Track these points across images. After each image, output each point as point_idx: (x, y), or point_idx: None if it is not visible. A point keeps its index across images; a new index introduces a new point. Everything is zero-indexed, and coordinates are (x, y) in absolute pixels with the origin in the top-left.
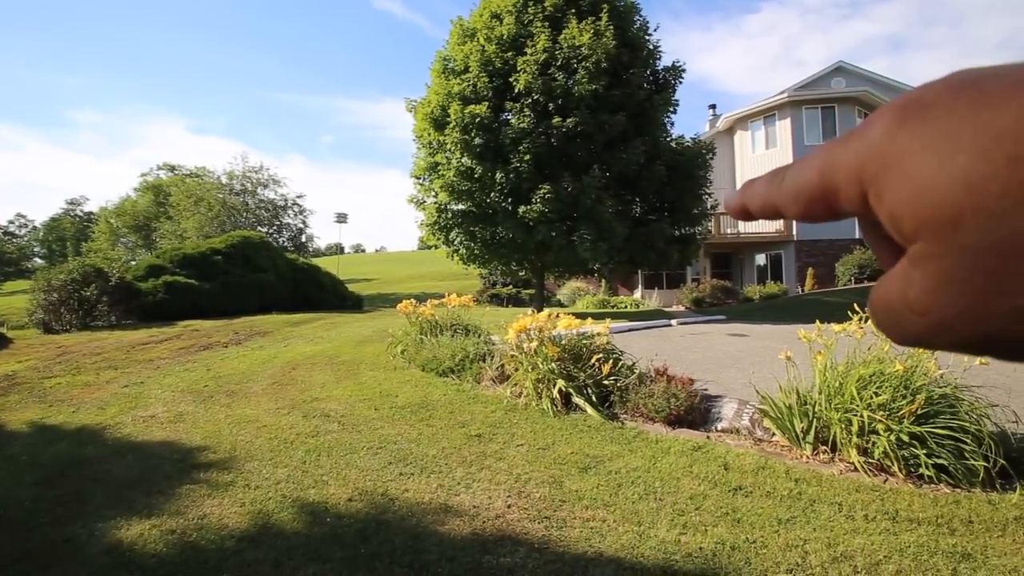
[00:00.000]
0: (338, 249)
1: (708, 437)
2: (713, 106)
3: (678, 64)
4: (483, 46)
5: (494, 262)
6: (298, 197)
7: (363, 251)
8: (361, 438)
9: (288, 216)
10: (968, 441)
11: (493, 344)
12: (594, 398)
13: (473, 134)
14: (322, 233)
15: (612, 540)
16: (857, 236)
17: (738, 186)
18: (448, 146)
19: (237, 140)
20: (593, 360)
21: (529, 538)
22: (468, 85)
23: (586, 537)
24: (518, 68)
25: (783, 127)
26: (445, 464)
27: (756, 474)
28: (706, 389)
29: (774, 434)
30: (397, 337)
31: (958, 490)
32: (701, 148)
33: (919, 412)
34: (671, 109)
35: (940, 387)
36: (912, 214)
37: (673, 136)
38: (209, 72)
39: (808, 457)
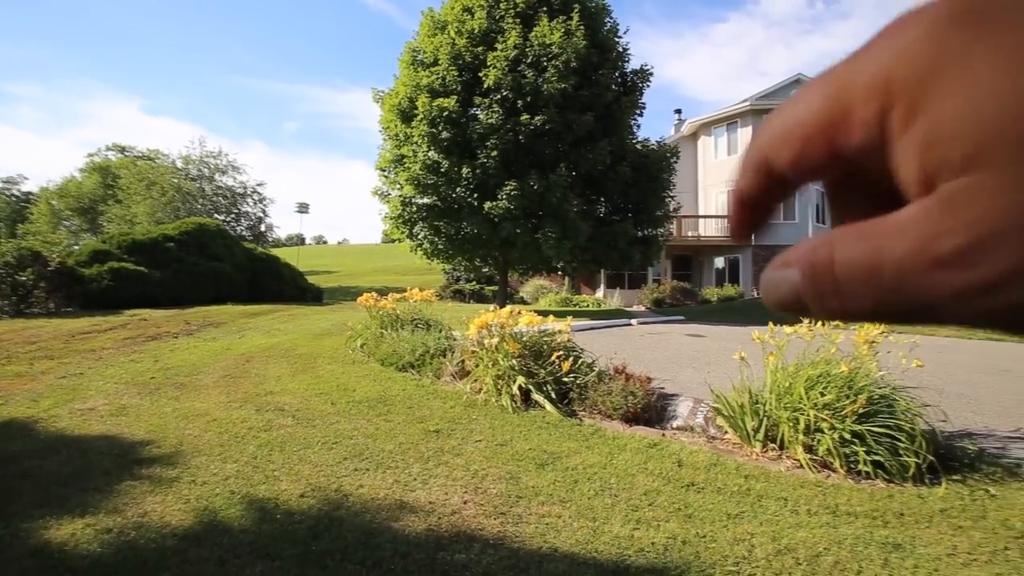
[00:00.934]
0: (299, 240)
1: (664, 434)
2: (679, 111)
3: (646, 68)
4: (453, 39)
5: (458, 258)
6: (258, 185)
7: (325, 243)
8: (316, 433)
9: (247, 204)
10: (902, 439)
11: (454, 339)
12: (553, 395)
13: (441, 128)
14: (282, 223)
15: (567, 536)
16: None
17: (700, 190)
18: (415, 139)
19: (195, 123)
20: (553, 357)
21: (485, 534)
22: (437, 78)
23: (541, 533)
24: (488, 63)
25: (744, 134)
26: (402, 460)
27: (708, 471)
28: (663, 388)
29: (726, 432)
30: (357, 331)
31: (892, 485)
32: (666, 151)
33: (860, 411)
34: (638, 112)
35: (880, 388)
36: (972, 132)
37: (639, 139)
38: (167, 51)
39: (758, 454)
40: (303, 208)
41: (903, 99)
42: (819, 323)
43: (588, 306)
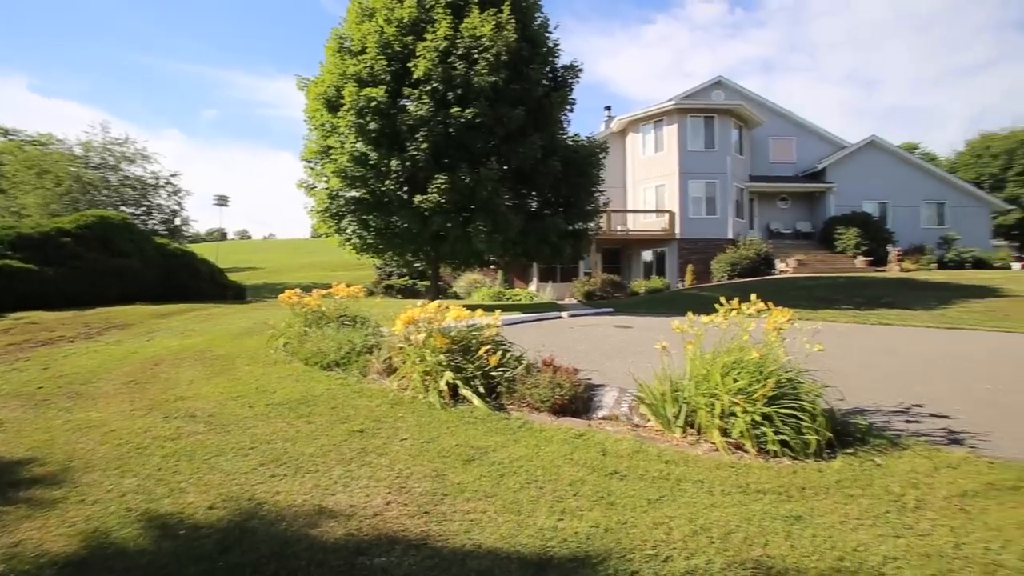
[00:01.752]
0: (220, 235)
1: (590, 425)
2: (608, 108)
3: (576, 64)
4: (382, 27)
5: (389, 252)
6: (172, 175)
7: (249, 238)
8: (230, 439)
9: (160, 196)
10: (805, 419)
11: (382, 336)
12: (481, 389)
13: (368, 118)
14: (202, 217)
15: (492, 531)
16: (731, 236)
17: (629, 185)
18: (341, 129)
19: (98, 107)
20: (481, 352)
21: (407, 535)
22: (365, 67)
23: (466, 530)
24: (418, 54)
25: (670, 132)
26: (323, 462)
27: (631, 458)
28: (590, 379)
29: (649, 419)
30: (279, 329)
31: (797, 461)
32: (595, 147)
33: (770, 395)
34: (568, 107)
35: (787, 372)
36: None
37: (569, 134)
38: (62, 24)
39: (678, 440)
40: (222, 201)
41: None
42: (733, 312)
43: (521, 300)
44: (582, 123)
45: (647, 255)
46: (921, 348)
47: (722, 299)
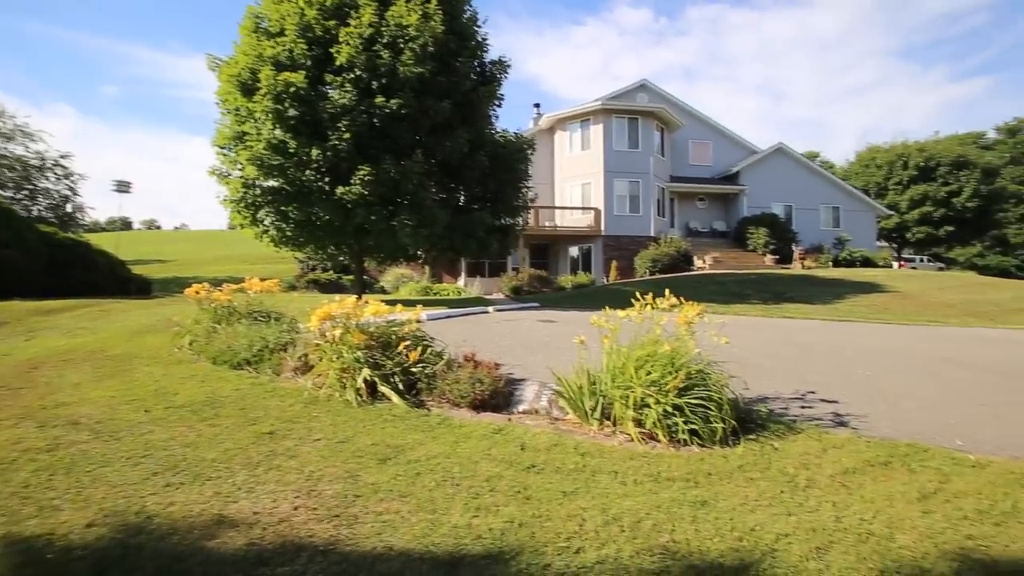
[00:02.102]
0: (123, 224)
1: (510, 419)
2: (538, 105)
3: (504, 59)
4: (303, 9)
5: (310, 245)
6: (62, 157)
7: (159, 228)
8: (120, 447)
9: (47, 180)
10: (713, 409)
11: (299, 332)
12: (401, 386)
13: (287, 104)
14: (101, 205)
15: (405, 532)
16: (653, 234)
17: (556, 182)
18: (258, 115)
19: None
20: (401, 348)
21: (315, 541)
22: (284, 50)
23: (378, 532)
24: (341, 39)
25: (596, 131)
26: (226, 468)
27: (549, 451)
28: (512, 373)
29: (568, 413)
30: (185, 327)
31: (705, 449)
32: (522, 143)
33: (681, 386)
34: (496, 102)
35: (697, 364)
36: None
37: (498, 129)
38: None
39: (595, 432)
40: (123, 187)
41: None
42: (648, 307)
43: (449, 295)
44: (513, 119)
45: (574, 251)
46: (816, 339)
47: (637, 294)
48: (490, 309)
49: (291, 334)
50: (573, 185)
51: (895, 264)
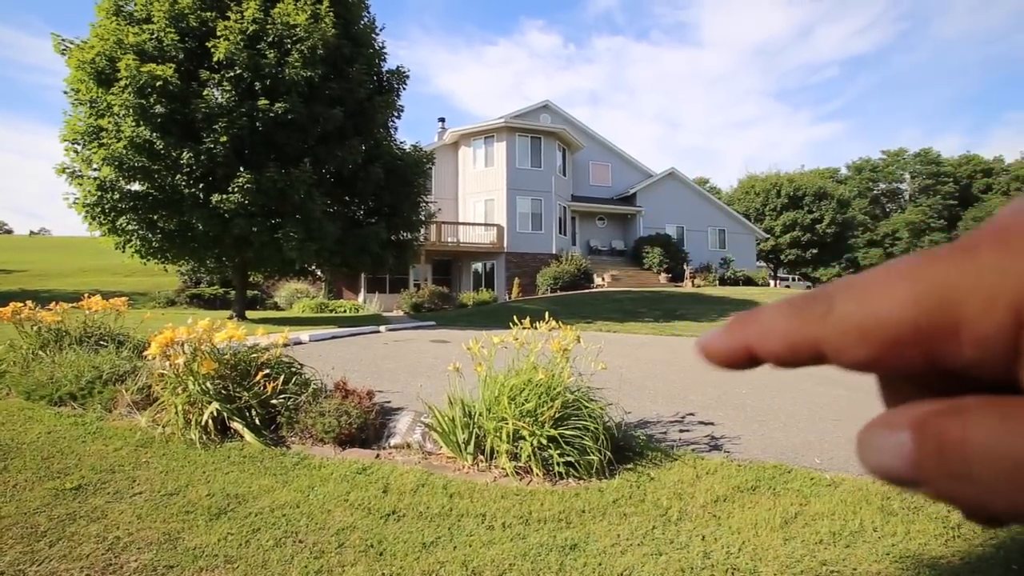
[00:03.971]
0: None
1: (378, 455)
2: (443, 119)
3: (403, 69)
4: None
5: (184, 257)
6: None
7: (9, 232)
8: None
9: None
10: (589, 440)
11: (145, 360)
12: (258, 421)
13: (154, 100)
14: None
15: None
16: (554, 251)
17: (460, 198)
18: (117, 109)
19: None
20: (258, 377)
21: None
22: (150, 38)
23: None
24: (219, 33)
25: (500, 148)
26: None
27: (414, 493)
28: (389, 402)
29: (441, 446)
30: None
31: (581, 482)
32: (421, 156)
33: (557, 416)
34: (394, 113)
35: (573, 392)
36: None
37: (396, 141)
38: None
39: (468, 467)
40: None
41: None
42: (526, 331)
43: (346, 311)
44: (421, 133)
45: (477, 267)
46: (701, 358)
47: (515, 317)
48: (382, 328)
49: (133, 362)
50: (477, 201)
51: (772, 283)
